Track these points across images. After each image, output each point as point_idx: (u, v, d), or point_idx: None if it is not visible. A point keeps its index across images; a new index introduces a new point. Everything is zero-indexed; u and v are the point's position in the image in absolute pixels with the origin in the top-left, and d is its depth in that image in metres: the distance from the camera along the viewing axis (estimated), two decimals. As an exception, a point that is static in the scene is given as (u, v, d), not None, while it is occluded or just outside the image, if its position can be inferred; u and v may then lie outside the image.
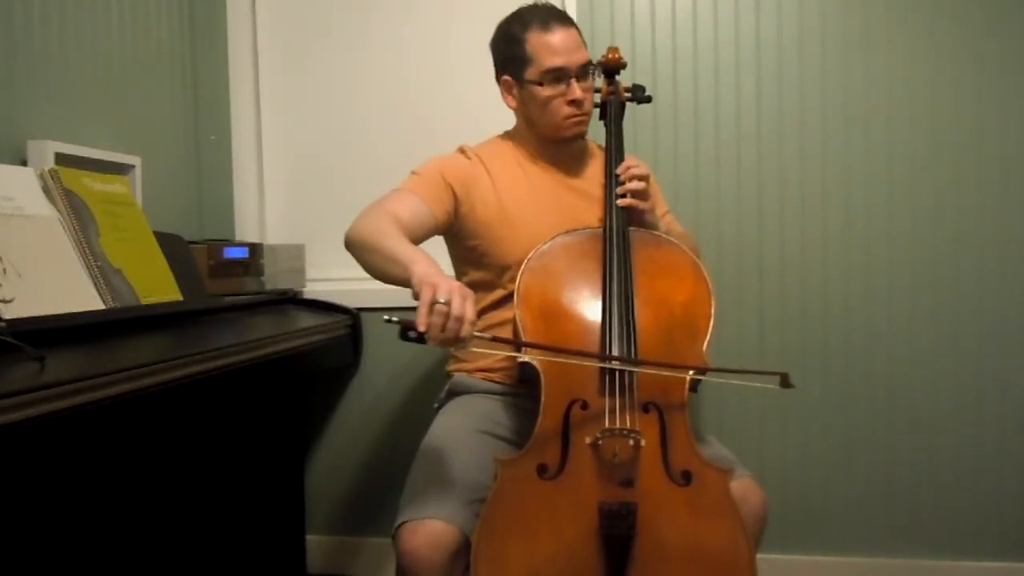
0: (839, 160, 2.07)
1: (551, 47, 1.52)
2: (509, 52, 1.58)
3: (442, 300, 1.14)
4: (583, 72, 1.54)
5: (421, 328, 1.14)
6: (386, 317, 1.17)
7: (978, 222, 2.03)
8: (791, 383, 1.33)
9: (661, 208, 1.66)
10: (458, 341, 1.17)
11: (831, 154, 2.07)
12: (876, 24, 2.04)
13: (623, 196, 1.50)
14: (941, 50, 2.02)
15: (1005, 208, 2.02)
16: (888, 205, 2.06)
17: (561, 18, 1.56)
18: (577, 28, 1.58)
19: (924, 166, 2.04)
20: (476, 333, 1.18)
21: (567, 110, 1.54)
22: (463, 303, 1.16)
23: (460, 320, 1.15)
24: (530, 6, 1.60)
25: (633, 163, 1.54)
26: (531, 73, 1.54)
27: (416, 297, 1.18)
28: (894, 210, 2.06)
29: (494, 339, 1.29)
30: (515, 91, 1.60)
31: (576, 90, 1.53)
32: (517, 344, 1.39)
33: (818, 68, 2.07)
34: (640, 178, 1.52)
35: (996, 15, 2.00)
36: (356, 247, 1.42)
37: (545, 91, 1.54)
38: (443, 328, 1.15)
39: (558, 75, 1.52)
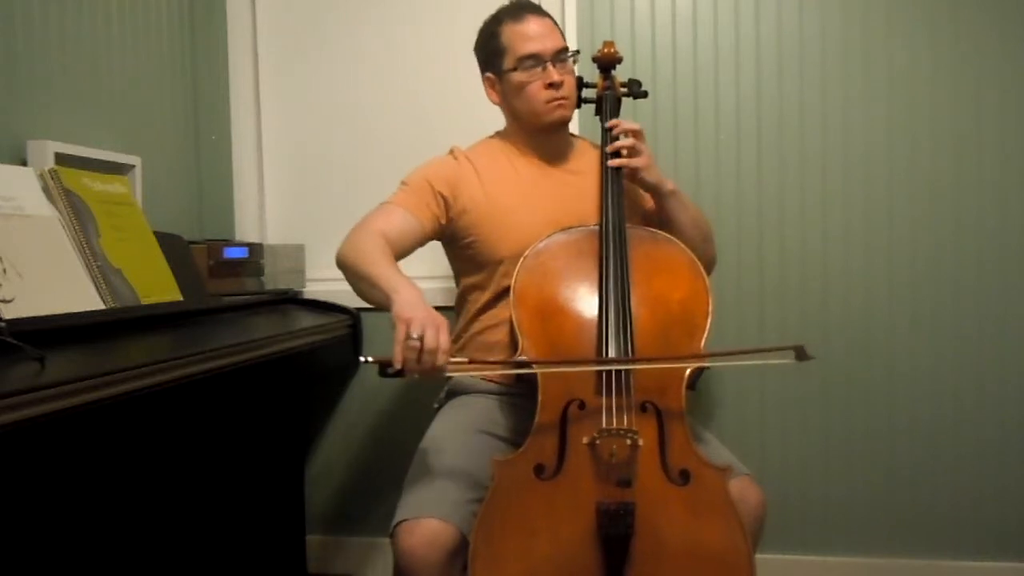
0: (839, 159, 2.07)
1: (524, 35, 1.56)
2: (487, 48, 1.62)
3: (415, 335, 1.20)
4: (559, 57, 1.57)
5: (397, 365, 1.21)
6: (362, 359, 1.25)
7: (978, 221, 2.03)
8: (808, 354, 1.30)
9: (668, 184, 1.62)
10: (435, 371, 1.22)
11: (831, 152, 2.07)
12: (876, 23, 2.04)
13: (616, 156, 1.52)
14: (941, 49, 2.02)
15: (1005, 207, 2.02)
16: (888, 205, 2.06)
17: (533, 8, 1.61)
18: (552, 19, 1.61)
19: (924, 164, 2.04)
20: (452, 360, 1.25)
21: (546, 93, 1.56)
22: (436, 334, 1.21)
23: (434, 352, 1.21)
24: (504, 4, 1.64)
25: (620, 122, 1.56)
26: (508, 62, 1.57)
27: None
28: (894, 209, 2.06)
29: (471, 362, 1.41)
30: (496, 86, 1.63)
31: (553, 73, 1.55)
32: (497, 364, 1.48)
33: (818, 66, 2.07)
34: (631, 133, 1.54)
35: (996, 15, 2.00)
36: (345, 269, 1.48)
37: (521, 76, 1.56)
38: (419, 361, 1.20)
39: (534, 60, 1.55)
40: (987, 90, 2.01)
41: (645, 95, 1.70)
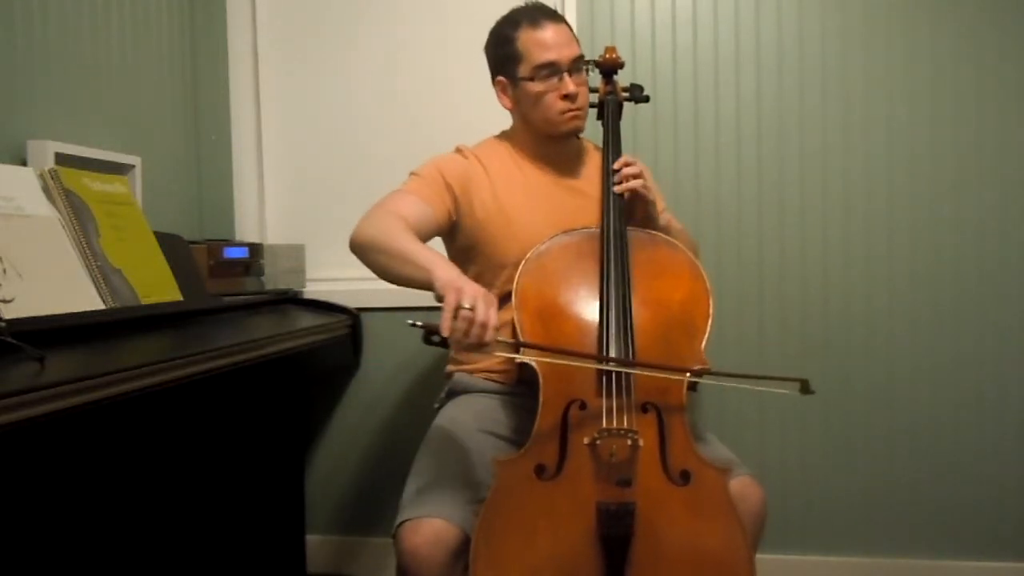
0: (839, 160, 2.07)
1: (541, 42, 1.53)
2: (502, 52, 1.59)
3: (467, 305, 1.15)
4: (575, 66, 1.55)
5: (445, 333, 1.15)
6: (410, 321, 1.18)
7: (978, 222, 2.03)
8: (811, 389, 1.29)
9: (660, 204, 1.66)
10: (481, 347, 1.18)
11: (831, 154, 2.07)
12: (876, 23, 2.04)
13: (621, 185, 1.50)
14: (941, 49, 2.02)
15: (1005, 207, 2.02)
16: (888, 205, 2.06)
17: (550, 15, 1.58)
18: (568, 24, 1.59)
19: (924, 165, 2.04)
20: (499, 339, 1.19)
21: (561, 104, 1.54)
22: (487, 309, 1.17)
23: (484, 326, 1.16)
24: (520, 7, 1.62)
25: (630, 160, 1.54)
26: (523, 70, 1.55)
27: (439, 300, 1.19)
28: (894, 210, 2.06)
29: (516, 343, 1.31)
30: (509, 91, 1.60)
31: (569, 84, 1.53)
32: (538, 348, 1.34)
33: (818, 68, 2.07)
34: (635, 176, 1.52)
35: (996, 15, 2.00)
36: (365, 249, 1.41)
37: (537, 86, 1.54)
38: (467, 333, 1.16)
39: (550, 70, 1.53)
40: (987, 90, 2.01)
41: (647, 99, 1.69)
